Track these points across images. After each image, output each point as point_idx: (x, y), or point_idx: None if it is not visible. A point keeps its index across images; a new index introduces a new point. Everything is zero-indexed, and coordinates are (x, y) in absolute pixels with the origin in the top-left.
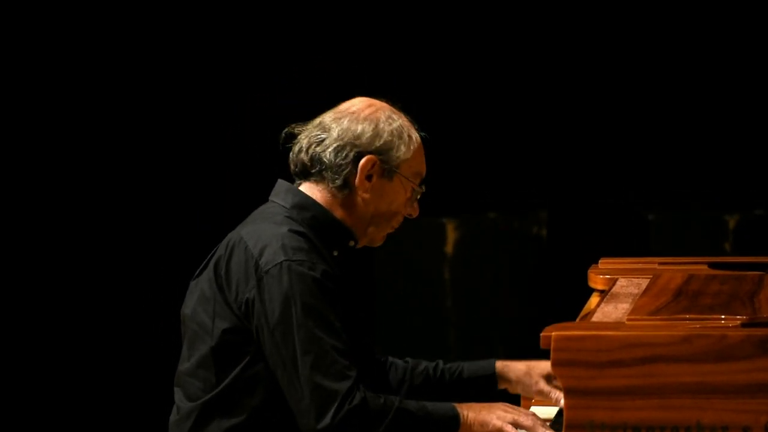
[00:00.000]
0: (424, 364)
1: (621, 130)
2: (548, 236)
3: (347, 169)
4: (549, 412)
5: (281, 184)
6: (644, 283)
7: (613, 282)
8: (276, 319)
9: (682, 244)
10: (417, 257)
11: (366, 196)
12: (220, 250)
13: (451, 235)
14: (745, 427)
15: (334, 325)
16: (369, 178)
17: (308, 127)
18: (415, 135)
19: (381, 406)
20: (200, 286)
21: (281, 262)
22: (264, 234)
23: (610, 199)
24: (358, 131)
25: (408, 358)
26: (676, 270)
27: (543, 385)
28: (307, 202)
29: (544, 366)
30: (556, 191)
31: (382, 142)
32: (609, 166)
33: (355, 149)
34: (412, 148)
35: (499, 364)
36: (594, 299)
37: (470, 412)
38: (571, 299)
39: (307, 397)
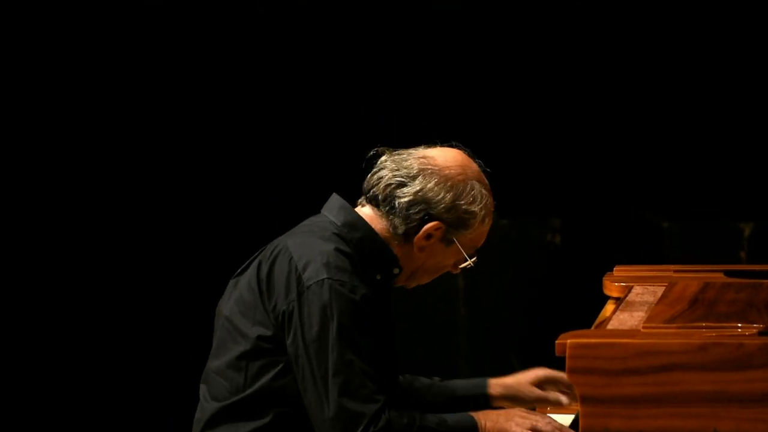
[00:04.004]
0: (421, 380)
1: (636, 138)
2: (562, 244)
3: (413, 224)
4: (565, 420)
5: (335, 199)
6: (659, 290)
7: (629, 290)
8: (312, 336)
9: (696, 253)
10: None
11: (420, 254)
12: (264, 254)
13: None
14: None
15: (367, 349)
16: (428, 237)
17: (396, 158)
18: (489, 219)
19: (405, 426)
20: (240, 287)
21: (323, 279)
22: (310, 248)
23: (624, 207)
24: (439, 197)
25: (407, 375)
26: (691, 278)
27: (538, 392)
28: (358, 222)
29: (533, 372)
30: (570, 198)
31: (456, 216)
32: (623, 173)
33: (428, 211)
34: (481, 229)
35: (492, 382)
36: (609, 307)
37: (488, 421)
38: (585, 307)
39: (332, 418)
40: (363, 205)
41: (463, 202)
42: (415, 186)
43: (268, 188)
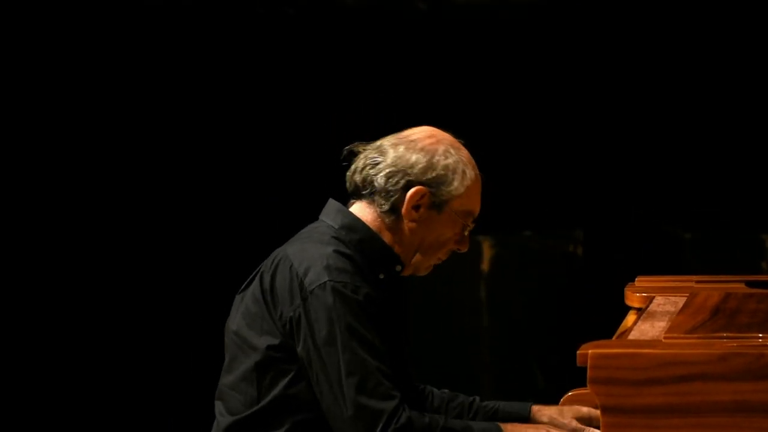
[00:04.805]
0: (460, 398)
1: (657, 149)
2: (584, 255)
3: (396, 196)
4: None
5: (332, 203)
6: (681, 301)
7: (650, 300)
8: (321, 340)
9: (718, 263)
10: (452, 275)
11: (412, 225)
12: (266, 265)
13: (487, 253)
14: None
15: (378, 347)
16: (416, 208)
17: (368, 148)
18: (471, 172)
19: (426, 426)
20: (245, 301)
21: (325, 282)
22: (309, 253)
23: (646, 218)
24: (413, 160)
25: (446, 390)
26: (713, 288)
27: (575, 424)
28: (356, 224)
29: (576, 409)
30: (592, 210)
31: (434, 174)
32: (645, 184)
33: (406, 178)
34: (465, 184)
35: (535, 408)
36: (631, 317)
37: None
38: (607, 317)
39: (351, 417)
40: (352, 204)
41: (437, 158)
42: (387, 159)
43: (268, 188)
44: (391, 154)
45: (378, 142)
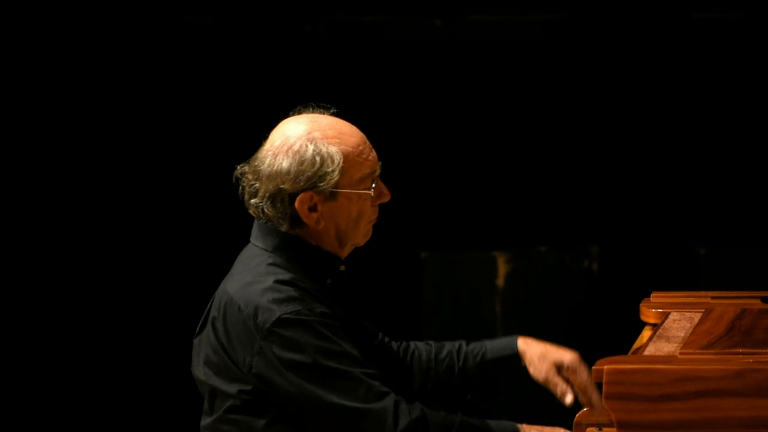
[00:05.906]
0: (447, 348)
1: (672, 166)
2: (599, 271)
3: (288, 212)
4: None
5: (258, 225)
6: (696, 317)
7: (666, 316)
8: (296, 372)
9: (733, 280)
10: (468, 291)
11: (320, 224)
12: (214, 310)
13: (502, 269)
14: None
15: (352, 354)
16: (312, 209)
17: (247, 171)
18: (334, 150)
19: (442, 419)
20: (203, 347)
21: (278, 317)
22: (252, 291)
23: (661, 234)
24: (282, 173)
25: (430, 342)
26: (728, 304)
27: (552, 375)
28: (287, 240)
29: (561, 354)
30: (607, 226)
31: (305, 176)
32: (660, 200)
33: (286, 193)
34: (338, 165)
35: (521, 342)
36: (646, 333)
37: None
38: (622, 333)
39: (358, 429)
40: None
41: (299, 159)
42: (262, 183)
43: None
44: (263, 175)
45: (254, 161)
